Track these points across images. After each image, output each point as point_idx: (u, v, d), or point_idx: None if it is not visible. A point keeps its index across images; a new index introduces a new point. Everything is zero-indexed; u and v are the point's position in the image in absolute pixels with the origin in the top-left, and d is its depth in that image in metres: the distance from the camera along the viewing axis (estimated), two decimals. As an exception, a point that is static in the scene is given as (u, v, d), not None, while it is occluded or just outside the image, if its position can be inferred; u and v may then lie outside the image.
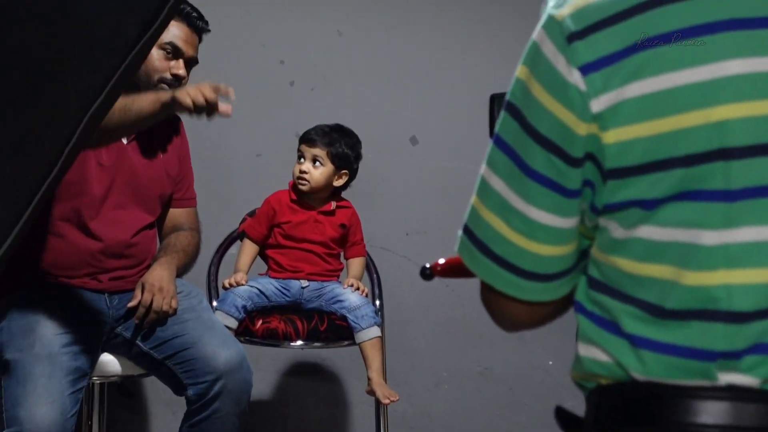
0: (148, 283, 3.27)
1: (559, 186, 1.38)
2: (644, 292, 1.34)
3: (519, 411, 4.61)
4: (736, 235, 1.31)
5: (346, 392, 4.41)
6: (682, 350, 1.32)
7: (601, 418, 1.40)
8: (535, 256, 1.42)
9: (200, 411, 3.23)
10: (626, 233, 1.35)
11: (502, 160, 1.41)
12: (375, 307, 3.81)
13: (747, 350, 1.30)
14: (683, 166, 1.31)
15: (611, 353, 1.37)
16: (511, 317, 1.52)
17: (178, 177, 3.53)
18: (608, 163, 1.34)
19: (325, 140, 3.77)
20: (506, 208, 1.41)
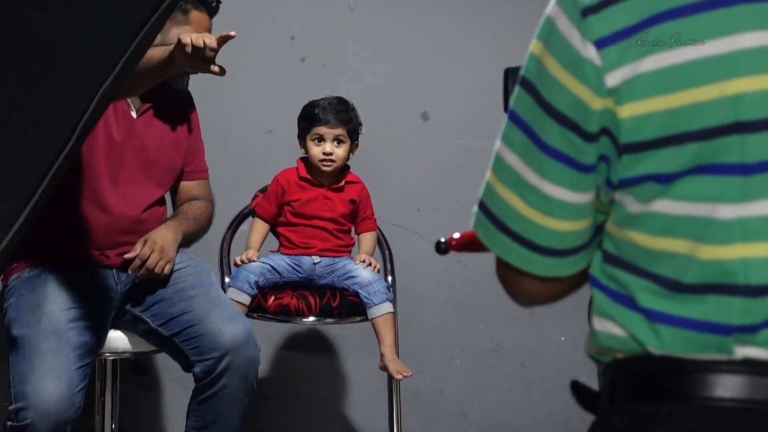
0: (150, 239, 3.27)
1: (574, 161, 1.37)
2: (660, 267, 1.34)
3: (531, 387, 4.61)
4: (753, 208, 1.30)
5: (358, 368, 4.42)
6: (698, 324, 1.32)
7: (616, 392, 1.39)
8: (550, 232, 1.42)
9: (208, 388, 3.24)
10: (642, 208, 1.34)
11: (517, 136, 1.41)
12: (387, 283, 3.81)
13: (764, 324, 1.30)
14: (699, 140, 1.30)
15: (627, 328, 1.36)
16: (526, 293, 1.52)
17: (189, 150, 3.53)
18: (623, 137, 1.33)
19: (342, 118, 3.78)
20: (521, 184, 1.41)
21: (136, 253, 3.26)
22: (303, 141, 3.82)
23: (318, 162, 3.76)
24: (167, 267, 3.28)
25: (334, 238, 3.81)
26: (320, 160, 3.75)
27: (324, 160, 3.75)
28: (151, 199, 3.41)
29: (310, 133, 3.78)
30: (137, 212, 3.37)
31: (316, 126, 3.77)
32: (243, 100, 4.32)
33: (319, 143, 3.77)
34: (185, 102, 3.54)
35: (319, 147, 3.76)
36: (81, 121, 1.12)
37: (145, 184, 3.40)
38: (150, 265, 3.25)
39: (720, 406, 1.30)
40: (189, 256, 3.47)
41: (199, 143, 3.60)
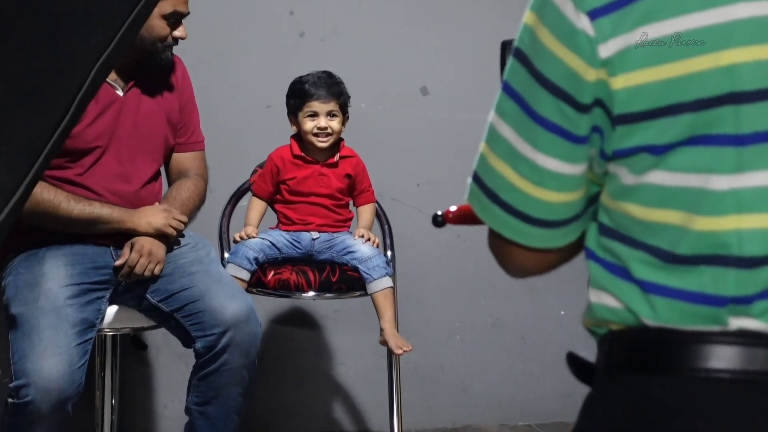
0: (138, 243, 3.29)
1: (567, 132, 1.37)
2: (655, 238, 1.34)
3: (531, 361, 4.62)
4: (747, 179, 1.30)
5: (358, 343, 4.42)
6: (692, 296, 1.32)
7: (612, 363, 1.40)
8: (542, 203, 1.42)
9: (209, 364, 3.24)
10: (636, 179, 1.34)
11: (510, 107, 1.41)
12: (386, 258, 3.81)
13: (758, 296, 1.30)
14: (693, 110, 1.30)
15: (622, 299, 1.36)
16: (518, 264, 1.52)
17: (181, 122, 3.53)
18: (617, 108, 1.33)
19: (333, 92, 3.77)
20: (515, 156, 1.40)
21: (124, 259, 3.27)
22: (295, 118, 3.80)
23: (312, 137, 3.75)
24: (157, 268, 3.30)
25: (332, 213, 3.81)
26: (315, 134, 3.74)
27: (319, 134, 3.74)
28: (147, 174, 3.42)
29: (303, 110, 3.76)
30: (132, 189, 3.37)
31: (309, 101, 3.75)
32: (242, 75, 4.31)
33: (312, 119, 3.76)
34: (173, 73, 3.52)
35: (313, 122, 3.75)
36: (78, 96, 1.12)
37: (139, 161, 3.40)
38: (138, 271, 3.26)
39: (715, 377, 1.31)
40: (188, 233, 3.48)
41: (194, 114, 3.60)
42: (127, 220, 3.29)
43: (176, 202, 3.44)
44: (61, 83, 1.14)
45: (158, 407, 4.32)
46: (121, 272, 3.28)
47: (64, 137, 1.12)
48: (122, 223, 3.29)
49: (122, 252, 3.29)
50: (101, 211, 3.27)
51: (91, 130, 3.30)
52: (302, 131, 3.77)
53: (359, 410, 4.52)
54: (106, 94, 3.33)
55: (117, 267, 3.29)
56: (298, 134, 3.81)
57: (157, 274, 3.30)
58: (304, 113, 3.76)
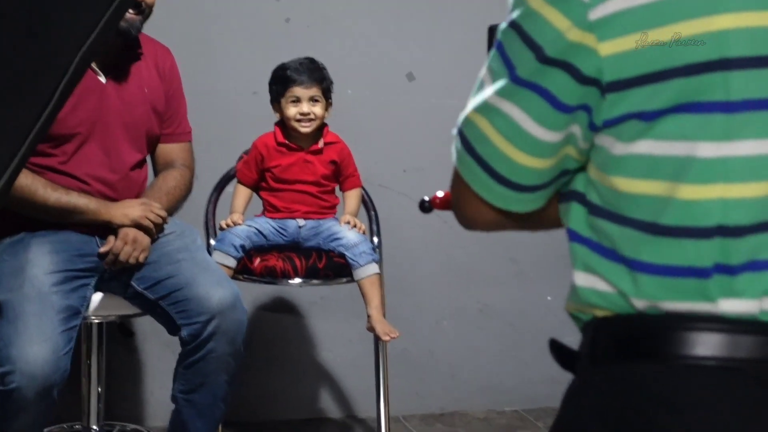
0: (123, 231, 3.28)
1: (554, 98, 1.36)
2: (640, 211, 1.33)
3: (519, 347, 4.62)
4: (735, 148, 1.29)
5: (345, 330, 4.42)
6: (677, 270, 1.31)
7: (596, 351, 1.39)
8: (513, 164, 1.41)
9: (195, 351, 3.24)
10: (625, 149, 1.33)
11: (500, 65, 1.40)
12: (373, 244, 3.80)
13: (742, 267, 1.30)
14: (682, 76, 1.29)
15: (609, 279, 1.36)
16: (473, 217, 1.52)
17: (167, 113, 3.51)
18: (607, 76, 1.32)
19: (316, 77, 3.76)
20: (492, 110, 1.40)
21: (109, 247, 3.27)
22: (278, 104, 3.79)
23: (295, 123, 3.74)
24: (141, 256, 3.29)
25: (318, 200, 3.80)
26: (297, 120, 3.73)
27: (302, 120, 3.73)
28: (131, 163, 3.41)
29: (285, 96, 3.75)
30: (116, 177, 3.37)
31: (291, 87, 3.74)
32: (228, 61, 4.29)
33: (295, 105, 3.74)
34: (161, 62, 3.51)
35: (295, 108, 3.74)
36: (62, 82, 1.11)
37: (124, 149, 3.40)
38: (123, 258, 3.26)
39: (700, 364, 1.30)
40: (174, 221, 3.47)
41: (181, 105, 3.59)
42: (103, 212, 3.29)
43: (161, 191, 3.44)
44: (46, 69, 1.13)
45: (144, 395, 4.31)
46: (106, 259, 3.27)
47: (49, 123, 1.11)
48: (98, 215, 3.28)
49: (107, 239, 3.29)
50: (78, 201, 3.26)
51: (73, 115, 3.28)
52: (285, 117, 3.76)
53: (346, 397, 4.53)
54: (88, 80, 3.31)
55: (102, 254, 3.28)
56: (282, 121, 3.80)
57: (142, 261, 3.29)
58: (287, 99, 3.75)
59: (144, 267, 3.32)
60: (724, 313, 1.30)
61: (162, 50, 3.54)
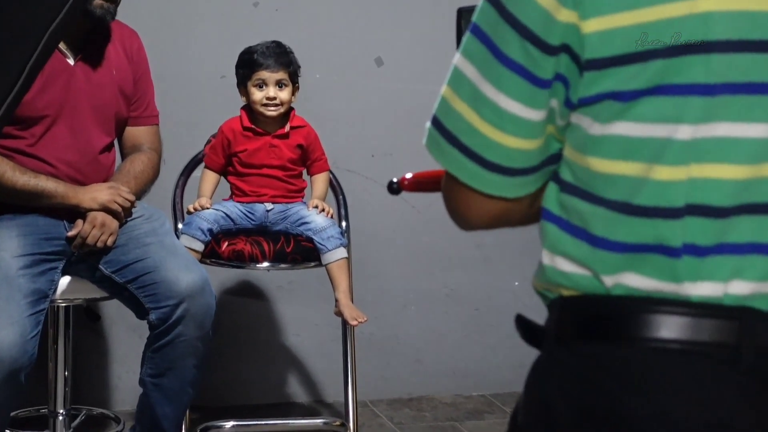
0: (91, 215, 3.27)
1: (531, 74, 1.36)
2: (614, 191, 1.34)
3: (486, 332, 4.63)
4: (712, 130, 1.30)
5: (313, 314, 4.42)
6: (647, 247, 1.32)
7: (562, 331, 1.40)
8: (501, 148, 1.41)
9: (163, 335, 3.24)
10: (602, 129, 1.34)
11: (477, 48, 1.40)
12: (341, 229, 3.80)
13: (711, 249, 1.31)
14: (663, 57, 1.30)
15: (576, 259, 1.37)
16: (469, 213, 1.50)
17: (135, 96, 3.50)
18: (587, 53, 1.33)
19: (282, 61, 3.74)
20: (478, 97, 1.40)
21: (77, 231, 3.26)
22: (244, 88, 3.78)
23: (261, 107, 3.72)
24: (109, 240, 3.29)
25: (285, 184, 3.79)
26: (264, 104, 3.72)
27: (268, 104, 3.72)
28: (99, 146, 3.40)
29: (252, 79, 3.74)
30: (84, 161, 3.36)
31: (257, 71, 3.73)
32: (196, 44, 4.28)
33: (261, 89, 3.73)
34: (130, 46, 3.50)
35: (261, 92, 3.72)
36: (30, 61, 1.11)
37: (92, 132, 3.39)
38: (90, 242, 3.25)
39: (664, 347, 1.31)
40: (142, 205, 3.46)
41: (149, 88, 3.58)
42: (71, 196, 3.27)
43: (129, 175, 3.43)
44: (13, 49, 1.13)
45: (112, 379, 4.30)
46: (74, 243, 3.26)
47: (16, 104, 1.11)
48: (66, 199, 3.27)
49: (76, 223, 3.28)
50: (46, 185, 3.25)
51: (41, 97, 3.27)
52: (251, 101, 3.74)
53: (314, 381, 4.53)
54: (57, 62, 3.30)
55: (70, 238, 3.27)
56: (248, 105, 3.79)
57: (110, 245, 3.28)
58: (253, 82, 3.73)
59: (112, 251, 3.31)
60: (689, 295, 1.31)
61: (129, 33, 3.53)
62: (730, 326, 1.31)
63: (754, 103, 1.31)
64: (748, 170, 1.31)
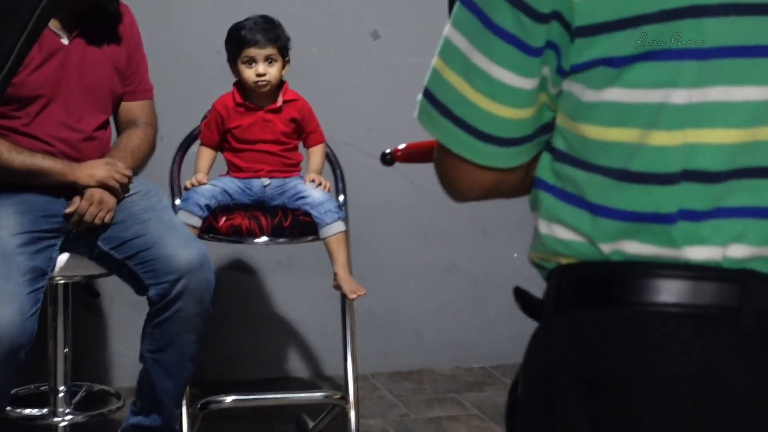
0: (89, 192, 3.26)
1: (522, 43, 1.36)
2: (609, 158, 1.34)
3: (485, 305, 4.63)
4: (707, 94, 1.30)
5: (312, 288, 4.42)
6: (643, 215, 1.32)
7: (560, 298, 1.40)
8: (494, 118, 1.41)
9: (162, 311, 3.24)
10: (594, 96, 1.34)
11: (467, 19, 1.40)
12: (338, 202, 3.80)
13: (707, 213, 1.31)
14: (654, 22, 1.30)
15: (573, 226, 1.37)
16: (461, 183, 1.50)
17: (128, 71, 3.50)
18: (578, 20, 1.33)
19: (270, 37, 3.71)
20: (469, 68, 1.40)
21: (74, 207, 3.25)
22: (234, 65, 3.76)
23: (252, 84, 3.71)
24: (107, 216, 3.28)
25: (281, 158, 3.78)
26: (254, 82, 3.70)
27: (258, 81, 3.70)
28: (95, 123, 3.40)
29: (241, 57, 3.71)
30: (80, 139, 3.35)
31: (246, 48, 3.70)
32: (190, 19, 4.26)
33: (250, 65, 3.71)
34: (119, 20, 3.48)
35: (251, 69, 3.70)
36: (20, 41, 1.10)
37: (87, 110, 3.38)
38: (88, 219, 3.25)
39: (664, 311, 1.32)
40: (140, 180, 3.46)
41: (142, 62, 3.57)
42: (69, 173, 3.27)
43: (125, 150, 3.42)
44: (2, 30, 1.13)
45: (112, 355, 4.31)
46: (71, 220, 3.26)
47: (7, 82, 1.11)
48: (64, 176, 3.27)
49: (73, 200, 3.27)
50: (42, 164, 3.25)
51: (35, 77, 3.27)
52: (242, 78, 3.73)
53: (314, 355, 4.54)
54: (51, 42, 3.29)
55: (67, 215, 3.27)
56: (240, 81, 3.77)
57: (108, 222, 3.28)
58: (242, 59, 3.71)
59: (110, 227, 3.31)
60: (688, 259, 1.32)
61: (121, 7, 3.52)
62: (730, 288, 1.31)
63: (748, 66, 1.31)
64: (743, 134, 1.31)
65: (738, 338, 1.31)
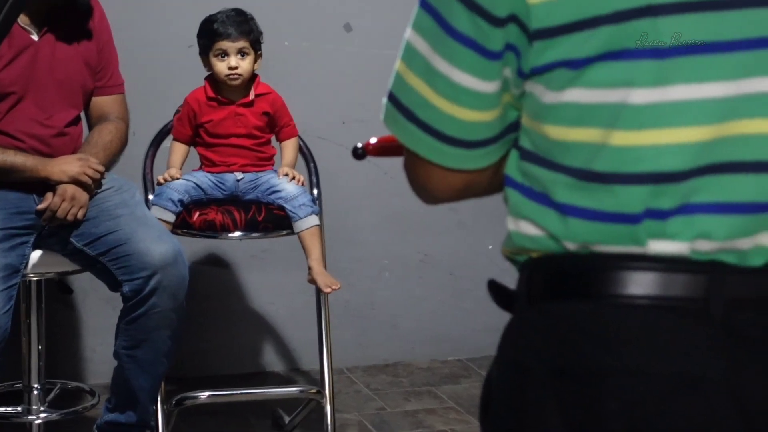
0: (61, 188, 3.25)
1: (480, 47, 1.36)
2: (573, 158, 1.34)
3: (461, 296, 4.64)
4: (666, 93, 1.30)
5: (287, 282, 4.41)
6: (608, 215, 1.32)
7: (532, 290, 1.41)
8: (458, 121, 1.41)
9: (137, 307, 3.23)
10: (555, 97, 1.33)
11: (426, 22, 1.39)
12: (312, 196, 3.79)
13: (674, 211, 1.31)
14: (611, 23, 1.29)
15: (541, 224, 1.37)
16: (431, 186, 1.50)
17: (99, 66, 3.48)
18: (534, 23, 1.32)
19: (243, 30, 3.70)
20: (431, 72, 1.40)
21: (47, 203, 3.24)
22: (206, 58, 3.74)
23: (224, 77, 3.69)
24: (80, 212, 3.27)
25: (254, 152, 3.77)
26: (225, 75, 3.68)
27: (230, 74, 3.68)
28: (67, 119, 3.38)
29: (213, 50, 3.70)
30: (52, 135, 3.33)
31: (218, 41, 3.69)
32: (162, 13, 4.24)
33: (222, 58, 3.69)
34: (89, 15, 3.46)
35: (223, 62, 3.69)
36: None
37: (59, 105, 3.37)
38: (60, 215, 3.24)
39: (634, 303, 1.32)
40: (112, 176, 3.45)
41: (112, 57, 3.55)
42: (41, 169, 3.26)
43: (97, 146, 3.41)
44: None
45: (86, 352, 4.29)
46: (44, 216, 3.24)
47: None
48: (36, 172, 3.25)
49: (45, 196, 3.26)
50: (15, 160, 3.23)
51: (6, 74, 3.25)
52: (214, 72, 3.71)
53: (289, 349, 4.53)
54: (20, 38, 3.27)
55: (40, 211, 3.25)
56: (212, 75, 3.76)
57: (81, 218, 3.27)
58: (214, 52, 3.69)
59: (83, 223, 3.29)
60: (655, 253, 1.32)
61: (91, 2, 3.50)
62: (698, 280, 1.31)
63: (708, 62, 1.30)
64: (708, 131, 1.30)
65: (707, 329, 1.31)
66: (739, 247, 1.32)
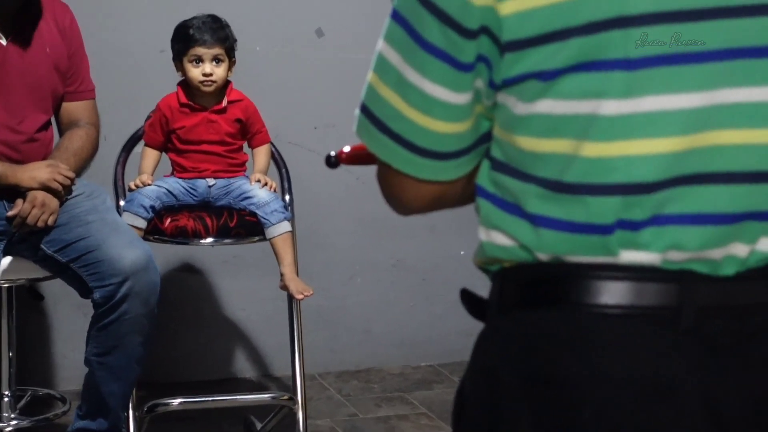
0: (31, 194, 3.24)
1: (452, 58, 1.36)
2: (544, 169, 1.34)
3: (433, 301, 4.64)
4: (637, 104, 1.30)
5: (259, 288, 4.40)
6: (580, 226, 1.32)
7: (504, 300, 1.41)
8: (431, 133, 1.41)
9: (108, 314, 3.22)
10: (526, 108, 1.33)
11: (398, 34, 1.39)
12: (284, 202, 3.78)
13: (646, 222, 1.31)
14: (582, 34, 1.29)
15: (513, 235, 1.37)
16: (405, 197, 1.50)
17: (69, 71, 3.47)
18: (506, 35, 1.32)
19: (219, 36, 3.69)
20: (403, 83, 1.39)
21: (17, 210, 3.22)
22: (180, 63, 3.73)
23: (198, 83, 3.68)
24: (50, 219, 3.26)
25: (226, 158, 3.76)
26: (200, 81, 3.67)
27: (204, 81, 3.67)
28: (37, 124, 3.37)
29: (187, 55, 3.68)
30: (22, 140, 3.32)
31: (193, 47, 3.67)
32: (134, 18, 4.23)
33: (197, 64, 3.68)
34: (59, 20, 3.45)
35: (198, 68, 3.67)
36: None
37: (28, 111, 3.35)
38: (31, 221, 3.22)
39: (605, 312, 1.33)
40: (83, 182, 3.43)
41: (83, 62, 3.54)
42: (10, 176, 3.24)
43: (68, 152, 3.39)
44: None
45: (57, 358, 4.27)
46: (14, 223, 3.23)
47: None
48: (5, 179, 3.24)
49: (15, 203, 3.24)
50: None
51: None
52: (188, 78, 3.70)
53: (261, 355, 4.52)
54: None
55: (10, 218, 3.24)
56: (185, 81, 3.74)
57: (51, 224, 3.25)
58: (189, 58, 3.68)
59: (53, 229, 3.28)
60: (627, 263, 1.32)
61: (60, 6, 3.49)
62: (669, 289, 1.32)
63: (679, 73, 1.30)
64: (680, 142, 1.31)
65: (678, 337, 1.32)
66: (711, 257, 1.33)
